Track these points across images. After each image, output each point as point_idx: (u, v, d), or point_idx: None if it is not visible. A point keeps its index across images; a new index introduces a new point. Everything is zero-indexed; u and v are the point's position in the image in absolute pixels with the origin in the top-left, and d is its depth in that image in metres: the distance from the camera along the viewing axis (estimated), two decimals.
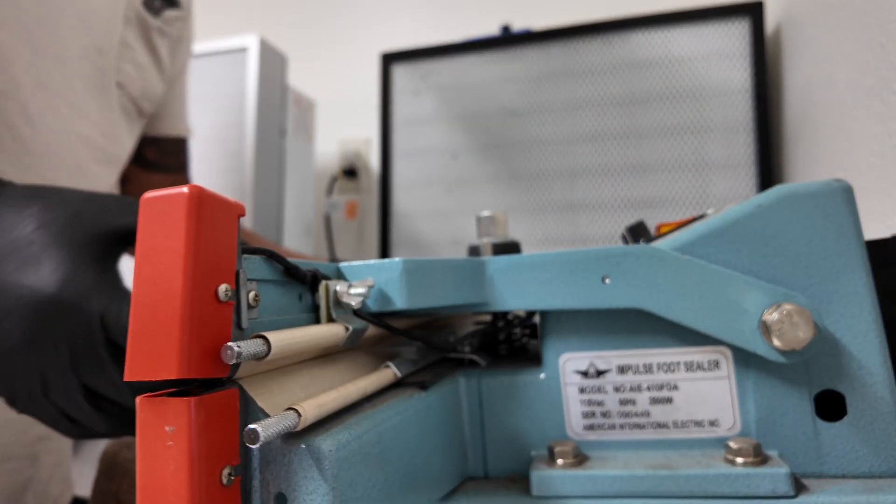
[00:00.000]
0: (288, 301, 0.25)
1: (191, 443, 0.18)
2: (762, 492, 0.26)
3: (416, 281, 0.27)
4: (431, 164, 0.93)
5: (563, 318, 0.31)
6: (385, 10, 1.24)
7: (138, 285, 0.19)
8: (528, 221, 0.88)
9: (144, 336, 0.18)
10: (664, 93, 0.83)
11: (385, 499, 0.23)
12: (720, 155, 0.80)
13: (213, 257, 0.19)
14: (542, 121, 0.88)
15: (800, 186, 0.28)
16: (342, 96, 1.24)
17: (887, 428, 0.27)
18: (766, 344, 0.27)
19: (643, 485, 0.27)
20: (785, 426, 0.28)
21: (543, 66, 0.89)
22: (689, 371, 0.29)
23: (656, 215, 0.82)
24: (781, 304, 0.27)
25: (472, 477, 0.31)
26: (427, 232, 0.93)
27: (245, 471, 0.20)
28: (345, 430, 0.21)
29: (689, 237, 0.29)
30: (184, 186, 0.19)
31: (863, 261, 0.28)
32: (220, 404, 0.19)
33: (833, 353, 0.28)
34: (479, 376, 0.32)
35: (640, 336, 0.30)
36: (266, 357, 0.19)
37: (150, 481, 0.18)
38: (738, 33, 0.80)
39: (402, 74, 0.96)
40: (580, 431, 0.30)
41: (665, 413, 0.29)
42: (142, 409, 0.18)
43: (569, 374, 0.31)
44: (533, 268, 0.30)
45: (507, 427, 0.31)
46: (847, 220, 0.28)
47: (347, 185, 1.22)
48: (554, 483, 0.27)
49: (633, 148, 0.84)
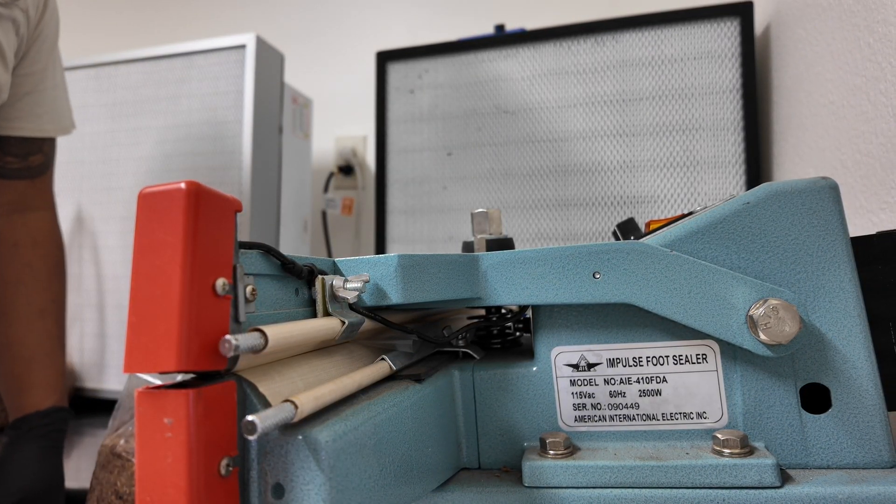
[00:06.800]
0: (285, 295, 0.25)
1: (189, 434, 0.18)
2: (749, 482, 0.26)
3: (411, 276, 0.27)
4: (426, 161, 0.94)
5: (555, 313, 0.31)
6: (381, 10, 1.24)
7: (136, 279, 0.19)
8: (521, 218, 0.88)
9: (143, 330, 0.18)
10: (655, 92, 0.83)
11: (380, 489, 0.23)
12: (709, 153, 0.81)
13: (211, 252, 0.20)
14: (535, 119, 0.89)
15: (787, 184, 0.29)
16: (339, 94, 1.24)
17: (871, 420, 0.28)
18: (753, 338, 0.27)
19: (632, 475, 0.27)
20: (771, 418, 0.29)
21: (536, 65, 0.89)
22: (677, 364, 0.30)
23: (646, 212, 0.83)
24: (768, 299, 0.27)
25: (466, 468, 0.31)
26: (422, 228, 0.93)
27: (243, 462, 0.21)
28: (341, 421, 0.22)
29: (677, 234, 0.30)
30: (181, 182, 0.19)
31: (848, 257, 0.29)
32: (218, 396, 0.19)
33: (818, 348, 0.28)
34: (473, 369, 0.32)
35: (629, 330, 0.30)
36: (263, 350, 0.20)
37: (149, 473, 0.18)
38: (728, 33, 0.81)
39: (398, 73, 0.96)
40: (571, 423, 0.31)
41: (654, 405, 0.30)
42: (141, 401, 0.19)
43: (560, 367, 0.31)
44: (526, 263, 0.30)
45: (500, 419, 0.31)
46: (833, 217, 0.29)
47: (344, 182, 1.22)
48: (546, 473, 0.28)
49: (624, 146, 0.84)
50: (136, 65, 0.92)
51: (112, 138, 0.91)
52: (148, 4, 1.41)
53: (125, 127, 0.91)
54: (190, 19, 1.37)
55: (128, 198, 0.90)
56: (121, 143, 0.91)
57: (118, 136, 0.91)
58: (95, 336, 0.89)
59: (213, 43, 0.87)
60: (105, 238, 0.90)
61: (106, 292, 0.89)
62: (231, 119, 0.85)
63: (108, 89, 0.93)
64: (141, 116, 0.90)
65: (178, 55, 0.89)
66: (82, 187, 0.92)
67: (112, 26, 1.44)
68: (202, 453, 0.18)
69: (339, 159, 1.21)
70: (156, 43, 1.37)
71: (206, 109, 0.87)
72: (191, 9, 1.38)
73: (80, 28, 1.46)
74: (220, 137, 0.85)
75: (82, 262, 0.91)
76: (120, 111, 0.91)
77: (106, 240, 0.90)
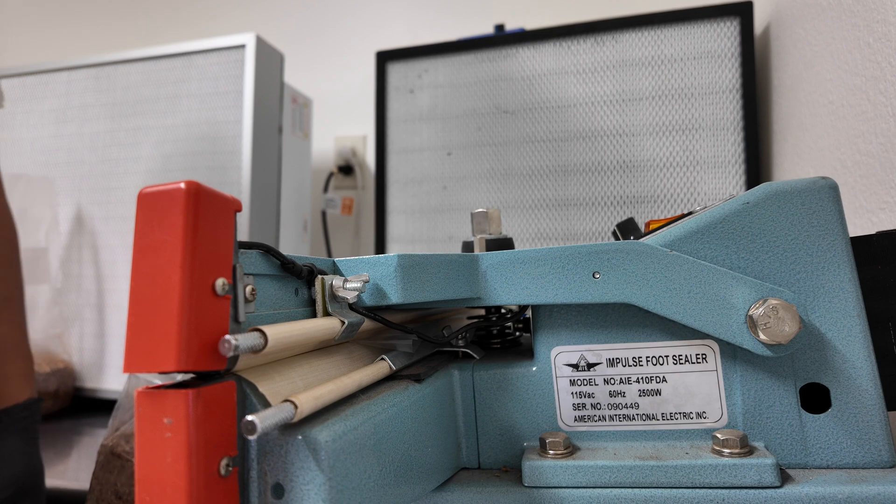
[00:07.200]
0: (285, 295, 0.25)
1: (189, 434, 0.18)
2: (748, 482, 0.26)
3: (411, 276, 0.27)
4: (426, 161, 0.94)
5: (554, 313, 0.31)
6: (381, 9, 1.24)
7: (136, 279, 0.19)
8: (521, 218, 0.88)
9: (142, 330, 0.18)
10: (654, 92, 0.83)
11: (380, 489, 0.23)
12: (709, 153, 0.81)
13: (210, 252, 0.20)
14: (535, 119, 0.89)
15: (786, 184, 0.29)
16: (338, 94, 1.24)
17: (871, 420, 0.28)
18: (753, 338, 0.27)
19: (632, 475, 0.27)
20: (771, 418, 0.29)
21: (536, 65, 0.89)
22: (677, 364, 0.30)
23: (646, 212, 0.83)
24: (768, 299, 0.27)
25: (466, 467, 0.31)
26: (422, 228, 0.93)
27: (243, 462, 0.21)
28: (341, 421, 0.22)
29: (677, 234, 0.30)
30: (181, 182, 0.19)
31: (848, 257, 0.29)
32: (217, 396, 0.19)
33: (818, 347, 0.28)
34: (472, 369, 0.32)
35: (629, 330, 0.30)
36: (263, 350, 0.20)
37: (148, 473, 0.18)
38: (728, 33, 0.81)
39: (398, 73, 0.96)
40: (571, 423, 0.31)
41: (654, 405, 0.30)
42: (140, 401, 0.19)
43: (560, 367, 0.31)
44: (525, 263, 0.30)
45: (500, 419, 0.31)
46: (833, 217, 0.29)
47: (344, 182, 1.22)
48: (545, 473, 0.28)
49: (624, 146, 0.84)
50: (135, 65, 0.92)
51: (112, 138, 0.91)
52: (148, 4, 1.41)
53: (125, 127, 0.91)
54: (190, 19, 1.37)
55: (128, 198, 0.90)
56: (120, 143, 0.91)
57: (118, 135, 0.91)
58: (95, 336, 0.89)
59: (213, 43, 0.87)
60: (105, 238, 0.90)
61: (106, 292, 0.89)
62: (231, 119, 0.85)
63: (108, 89, 0.93)
64: (141, 116, 0.90)
65: (178, 55, 0.89)
66: (82, 187, 0.92)
67: (112, 26, 1.44)
68: (202, 453, 0.18)
69: (339, 159, 1.21)
70: (155, 43, 1.37)
71: (205, 109, 0.86)
72: (191, 9, 1.37)
73: (80, 28, 1.46)
74: (219, 137, 0.85)
75: (82, 262, 0.91)
76: (120, 111, 0.91)
77: (106, 240, 0.90)
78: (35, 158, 0.95)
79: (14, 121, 0.97)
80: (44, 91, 0.96)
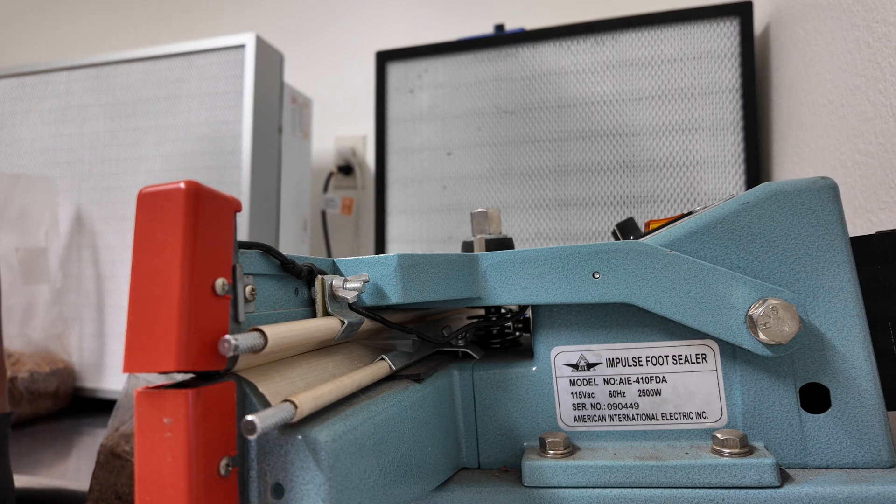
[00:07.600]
0: (284, 295, 0.25)
1: (189, 434, 0.18)
2: (748, 482, 0.26)
3: (411, 276, 0.28)
4: (426, 161, 0.94)
5: (554, 313, 0.31)
6: (381, 9, 1.24)
7: (135, 279, 0.19)
8: (521, 218, 0.88)
9: (142, 330, 0.18)
10: (654, 92, 0.83)
11: (380, 489, 0.23)
12: (709, 153, 0.81)
13: (210, 252, 0.20)
14: (534, 119, 0.89)
15: (786, 184, 0.29)
16: (338, 94, 1.24)
17: (870, 420, 0.28)
18: (753, 338, 0.27)
19: (632, 475, 0.27)
20: (771, 418, 0.29)
21: (536, 65, 0.89)
22: (676, 364, 0.30)
23: (646, 212, 0.83)
24: (767, 298, 0.27)
25: (466, 467, 0.31)
26: (422, 228, 0.93)
27: (242, 462, 0.21)
28: (341, 421, 0.22)
29: (677, 233, 0.30)
30: (181, 182, 0.19)
31: (847, 257, 0.29)
32: (217, 396, 0.19)
33: (818, 347, 0.28)
34: (472, 369, 0.32)
35: (629, 330, 0.30)
36: (263, 350, 0.20)
37: (148, 473, 0.18)
38: (728, 33, 0.81)
39: (398, 73, 0.96)
40: (571, 423, 0.31)
41: (653, 405, 0.30)
42: (140, 401, 0.19)
43: (560, 367, 0.31)
44: (525, 263, 0.30)
45: (500, 419, 0.31)
46: (832, 217, 0.29)
47: (343, 182, 1.22)
48: (545, 473, 0.28)
49: (624, 146, 0.84)
50: (135, 65, 0.92)
51: (112, 138, 0.91)
52: (148, 4, 1.41)
53: (125, 127, 0.91)
54: (190, 19, 1.37)
55: (127, 198, 0.90)
56: (120, 143, 0.91)
57: (118, 135, 0.91)
58: (95, 336, 0.89)
59: (213, 43, 0.87)
60: (105, 238, 0.90)
61: (106, 292, 0.89)
62: (231, 119, 0.85)
63: (108, 89, 0.93)
64: (140, 116, 0.90)
65: (178, 55, 0.89)
66: (82, 187, 0.92)
67: (112, 26, 1.44)
68: (202, 453, 0.18)
69: (339, 159, 1.21)
70: (155, 43, 1.37)
71: (205, 109, 0.86)
72: (191, 9, 1.37)
73: (79, 28, 1.46)
74: (219, 137, 0.85)
75: (82, 262, 0.91)
76: (119, 111, 0.91)
77: (106, 240, 0.90)
78: (35, 158, 0.95)
79: (14, 121, 0.97)
80: (43, 91, 0.96)
